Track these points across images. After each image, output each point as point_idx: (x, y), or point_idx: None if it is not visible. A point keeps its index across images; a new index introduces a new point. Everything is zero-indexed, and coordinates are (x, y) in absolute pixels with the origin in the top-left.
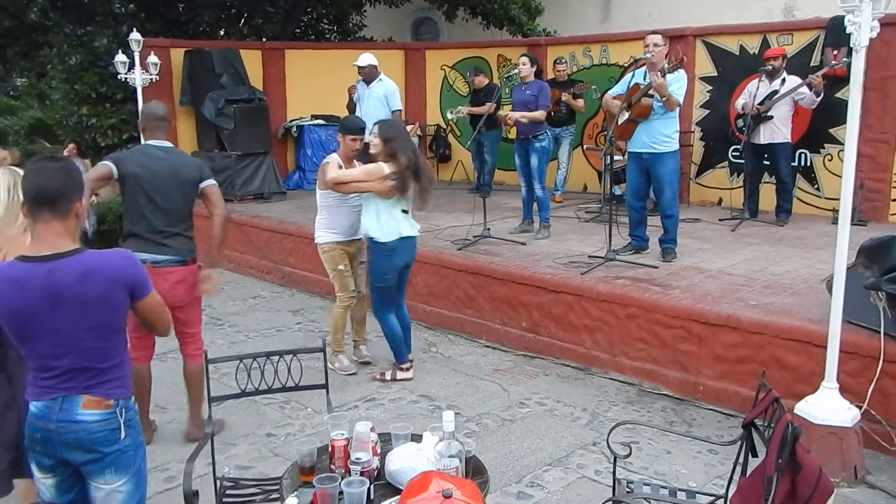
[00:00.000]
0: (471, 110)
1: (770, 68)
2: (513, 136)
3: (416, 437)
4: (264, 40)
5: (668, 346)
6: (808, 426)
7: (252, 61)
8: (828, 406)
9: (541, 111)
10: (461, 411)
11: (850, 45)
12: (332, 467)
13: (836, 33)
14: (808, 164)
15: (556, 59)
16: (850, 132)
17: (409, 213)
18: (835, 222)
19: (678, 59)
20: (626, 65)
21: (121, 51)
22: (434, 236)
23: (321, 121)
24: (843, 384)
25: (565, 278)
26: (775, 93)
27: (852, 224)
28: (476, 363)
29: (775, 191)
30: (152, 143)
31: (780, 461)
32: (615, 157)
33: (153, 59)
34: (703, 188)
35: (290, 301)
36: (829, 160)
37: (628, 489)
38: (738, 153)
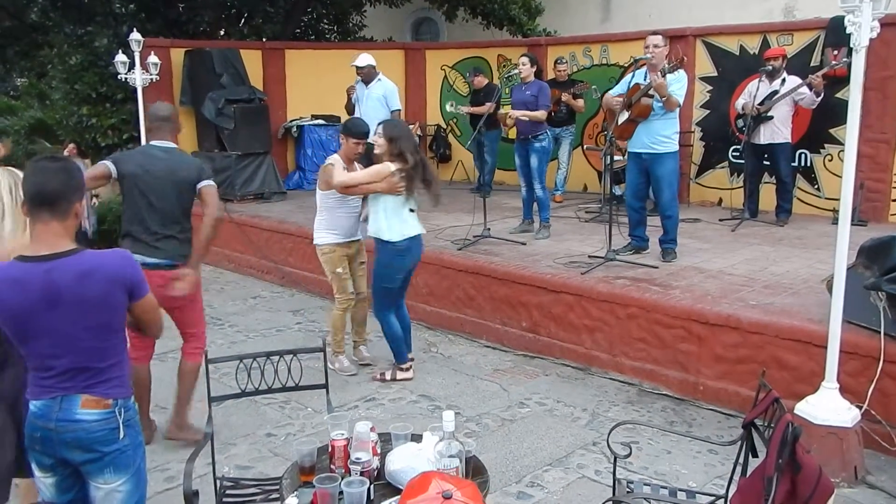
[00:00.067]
0: (471, 110)
1: (770, 68)
2: (513, 136)
3: (416, 437)
4: (264, 40)
5: (668, 346)
6: (808, 426)
7: (252, 61)
8: (828, 406)
9: (542, 111)
10: (461, 411)
11: (851, 46)
12: (332, 467)
13: (836, 33)
14: (809, 164)
15: (557, 58)
16: (851, 132)
17: (415, 211)
18: (835, 222)
19: (678, 60)
20: (627, 65)
21: (121, 51)
22: (434, 236)
23: (321, 121)
24: (843, 384)
25: (565, 278)
26: (775, 93)
27: (852, 224)
28: (476, 363)
29: (775, 191)
30: (154, 143)
31: (780, 461)
32: (615, 157)
33: (153, 59)
34: (703, 188)
35: (290, 301)
36: (830, 160)
37: (628, 489)
38: (738, 153)
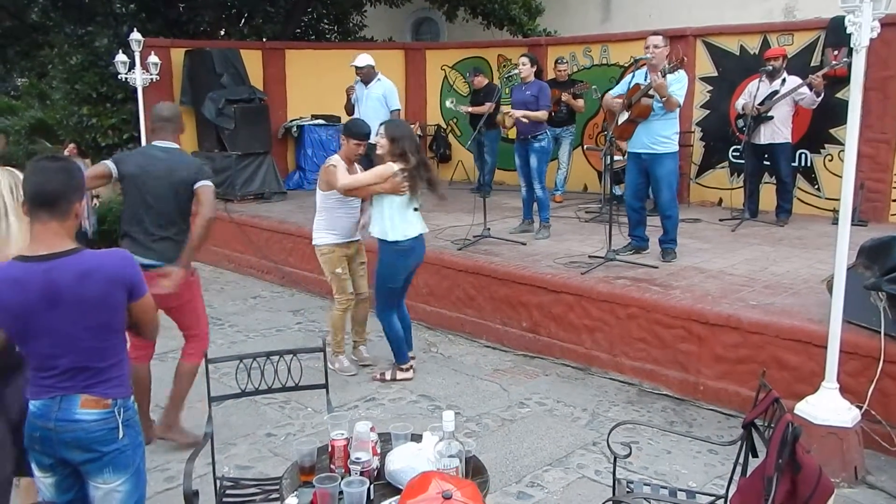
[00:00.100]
0: (471, 110)
1: (770, 68)
2: (513, 136)
3: (416, 437)
4: (264, 40)
5: (668, 346)
6: (808, 426)
7: (252, 61)
8: (828, 406)
9: (543, 111)
10: (461, 411)
11: (851, 46)
12: (332, 467)
13: (836, 33)
14: (809, 164)
15: (557, 58)
16: (851, 132)
17: (419, 211)
18: (835, 222)
19: (678, 60)
20: (627, 65)
21: (121, 51)
22: (434, 236)
23: (321, 121)
24: (843, 384)
25: (565, 278)
26: (775, 93)
27: (852, 224)
28: (476, 363)
29: (775, 191)
30: (156, 143)
31: (780, 461)
32: (615, 157)
33: (153, 59)
34: (704, 188)
35: (290, 301)
36: (830, 160)
37: (628, 489)
38: (738, 153)
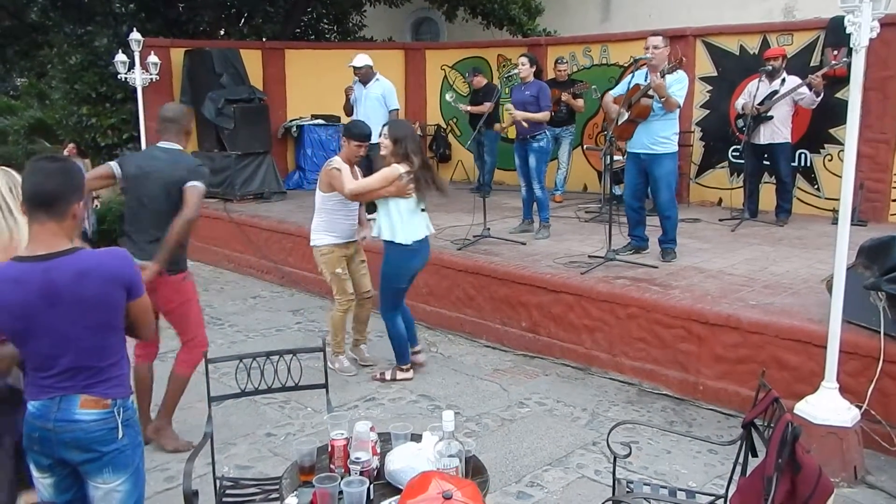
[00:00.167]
0: (471, 109)
1: (770, 68)
2: (512, 136)
3: (416, 437)
4: (264, 40)
5: (668, 346)
6: (808, 426)
7: (252, 61)
8: (828, 406)
9: (544, 113)
10: (461, 411)
11: (850, 46)
12: (332, 467)
13: (836, 33)
14: (808, 164)
15: (557, 58)
16: (850, 132)
17: (426, 212)
18: (835, 222)
19: (677, 60)
20: (626, 65)
21: (121, 50)
22: (434, 236)
23: (321, 120)
24: (843, 384)
25: (565, 278)
26: (775, 93)
27: (852, 224)
28: (476, 363)
29: (775, 191)
30: (160, 144)
31: (779, 461)
32: (615, 157)
33: (153, 58)
34: (703, 188)
35: (290, 301)
36: (829, 160)
37: (628, 489)
38: (738, 153)
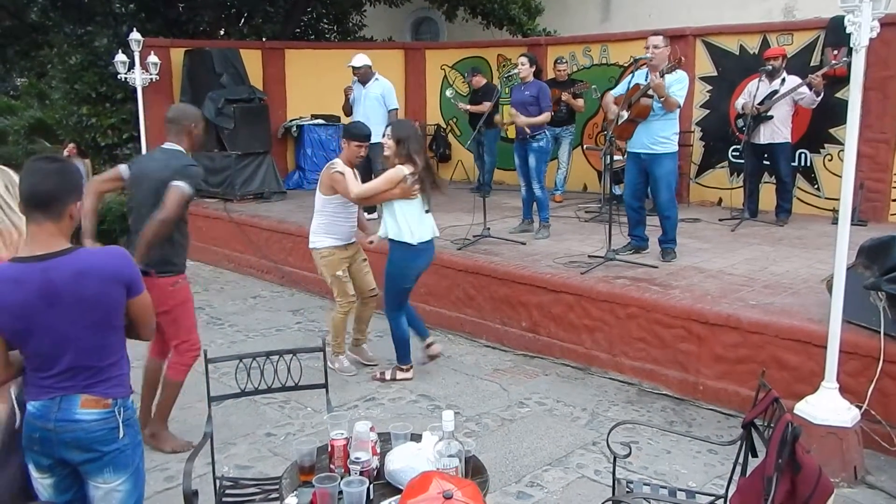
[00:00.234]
0: (470, 108)
1: (770, 68)
2: (512, 135)
3: (416, 437)
4: (264, 40)
5: (667, 346)
6: (807, 426)
7: (252, 61)
8: (828, 406)
9: (544, 114)
10: (461, 411)
11: (850, 45)
12: (332, 467)
13: (836, 33)
14: (808, 164)
15: (557, 58)
16: (850, 132)
17: (430, 212)
18: (835, 222)
19: (676, 60)
20: (626, 65)
21: (121, 50)
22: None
23: (321, 120)
24: (842, 384)
25: (565, 278)
26: (775, 93)
27: (852, 224)
28: (476, 363)
29: (775, 191)
30: (163, 145)
31: (779, 461)
32: (615, 157)
33: (153, 58)
34: (703, 188)
35: (290, 301)
36: (829, 160)
37: (628, 489)
38: (738, 153)
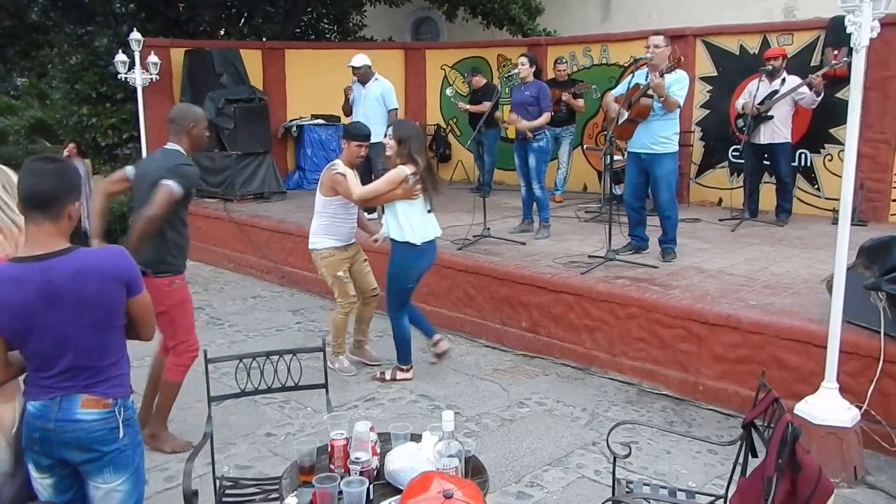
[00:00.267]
0: (470, 108)
1: (770, 68)
2: (512, 135)
3: (416, 437)
4: (264, 40)
5: (667, 346)
6: (807, 426)
7: (252, 61)
8: (828, 406)
9: (545, 115)
10: (461, 411)
11: (851, 45)
12: (332, 467)
13: (836, 33)
14: (808, 164)
15: (557, 58)
16: (851, 132)
17: (433, 211)
18: (835, 222)
19: (675, 60)
20: (626, 65)
21: (121, 50)
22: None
23: (321, 120)
24: (842, 384)
25: (565, 278)
26: (775, 93)
27: (852, 224)
28: (476, 363)
29: (775, 191)
30: (165, 146)
31: (779, 461)
32: (615, 157)
33: (153, 58)
34: (703, 188)
35: (290, 301)
36: (830, 160)
37: (628, 489)
38: (738, 153)
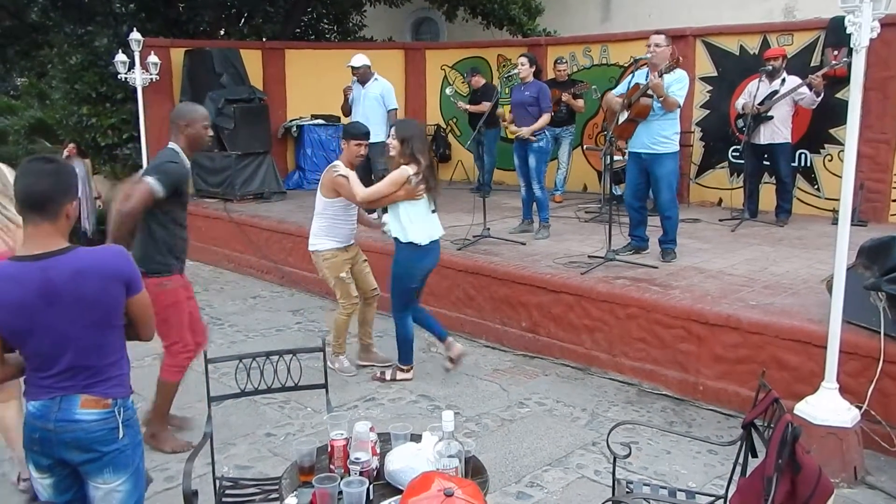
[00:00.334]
0: (469, 108)
1: (770, 68)
2: (512, 135)
3: (416, 437)
4: (264, 40)
5: (667, 346)
6: (807, 426)
7: (252, 61)
8: (828, 406)
9: (545, 116)
10: (461, 411)
11: (851, 46)
12: (332, 467)
13: (836, 33)
14: (808, 164)
15: (557, 58)
16: (851, 132)
17: (436, 211)
18: (835, 222)
19: (674, 60)
20: (626, 65)
21: (121, 50)
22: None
23: (321, 120)
24: (842, 384)
25: (565, 278)
26: (775, 93)
27: (852, 224)
28: (476, 363)
29: (775, 191)
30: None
31: (779, 461)
32: (615, 157)
33: (153, 58)
34: (703, 188)
35: (290, 301)
36: (829, 160)
37: (628, 489)
38: (738, 153)
